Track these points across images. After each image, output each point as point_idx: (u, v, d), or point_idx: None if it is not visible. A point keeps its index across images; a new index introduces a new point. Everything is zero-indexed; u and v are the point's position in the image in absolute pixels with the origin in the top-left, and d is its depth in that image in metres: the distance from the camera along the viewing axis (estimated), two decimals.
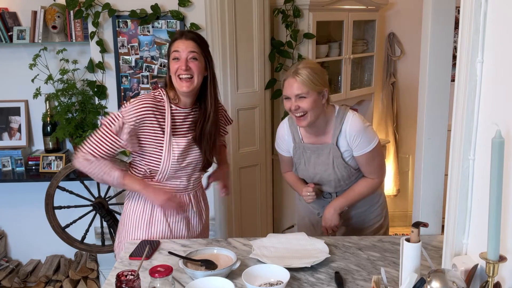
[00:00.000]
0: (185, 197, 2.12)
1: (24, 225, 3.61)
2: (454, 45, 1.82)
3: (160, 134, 1.99)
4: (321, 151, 2.18)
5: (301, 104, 2.03)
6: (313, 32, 3.49)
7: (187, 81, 1.96)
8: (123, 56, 3.16)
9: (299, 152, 2.23)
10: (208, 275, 1.66)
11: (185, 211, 2.12)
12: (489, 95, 1.25)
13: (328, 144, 2.16)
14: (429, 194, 2.06)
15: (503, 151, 1.09)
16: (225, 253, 1.84)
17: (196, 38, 1.99)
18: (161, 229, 2.09)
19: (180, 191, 2.10)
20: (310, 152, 2.20)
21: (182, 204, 2.09)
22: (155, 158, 2.01)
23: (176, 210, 2.08)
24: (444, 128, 2.01)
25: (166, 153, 2.00)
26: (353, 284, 1.68)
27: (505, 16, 1.18)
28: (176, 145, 2.01)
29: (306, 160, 2.22)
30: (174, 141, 2.01)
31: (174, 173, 2.05)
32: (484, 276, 1.23)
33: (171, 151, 2.00)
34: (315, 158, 2.20)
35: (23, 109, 3.47)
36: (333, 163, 2.17)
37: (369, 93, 4.31)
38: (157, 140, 1.99)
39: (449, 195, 1.39)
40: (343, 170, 2.18)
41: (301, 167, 2.26)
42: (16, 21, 3.34)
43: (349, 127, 2.11)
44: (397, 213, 4.64)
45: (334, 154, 2.15)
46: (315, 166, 2.21)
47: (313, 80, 2.03)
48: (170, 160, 2.00)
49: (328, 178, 2.21)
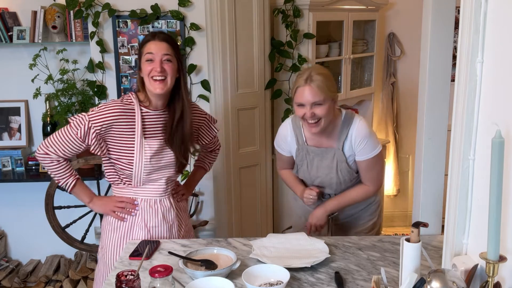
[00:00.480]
0: (165, 200, 2.10)
1: (24, 225, 3.61)
2: (454, 45, 1.82)
3: (131, 138, 1.97)
4: (326, 154, 2.17)
5: (316, 111, 2.02)
6: (313, 32, 3.49)
7: (161, 82, 1.94)
8: (123, 56, 3.16)
9: (302, 154, 2.22)
10: (208, 275, 1.66)
11: (136, 210, 2.08)
12: (489, 95, 1.25)
13: (333, 148, 2.16)
14: (429, 194, 2.06)
15: (503, 151, 1.09)
16: (225, 253, 1.84)
17: (169, 39, 1.98)
18: (141, 234, 2.08)
19: (159, 194, 2.08)
20: (314, 155, 2.20)
21: (131, 201, 2.07)
22: (127, 162, 1.99)
23: (127, 212, 2.07)
24: (444, 128, 2.01)
25: (137, 155, 1.98)
26: (353, 284, 1.68)
27: (505, 16, 1.18)
28: (148, 147, 1.99)
29: (309, 162, 2.22)
30: (146, 143, 1.99)
31: (149, 175, 2.02)
32: (484, 276, 1.23)
33: (142, 154, 1.98)
34: (318, 161, 2.20)
35: (23, 109, 3.47)
36: (337, 167, 2.17)
37: (369, 93, 4.31)
38: (127, 143, 1.98)
39: (449, 195, 1.39)
40: (346, 174, 2.19)
41: (303, 169, 2.26)
42: (16, 21, 3.34)
43: (355, 132, 2.11)
44: (397, 213, 4.64)
45: (339, 158, 2.15)
46: (318, 169, 2.21)
47: (329, 86, 2.03)
48: (143, 163, 1.98)
49: (330, 182, 2.21)
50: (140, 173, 2.00)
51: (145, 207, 2.08)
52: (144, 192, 2.07)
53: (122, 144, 1.98)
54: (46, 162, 2.00)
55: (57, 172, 2.02)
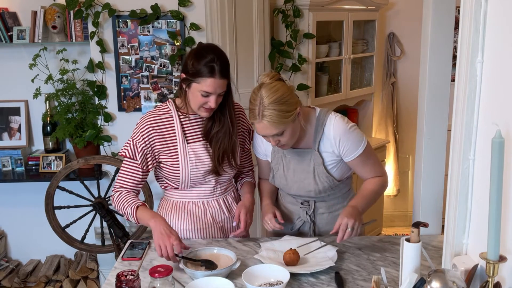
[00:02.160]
0: (214, 202, 2.09)
1: (24, 225, 3.61)
2: (454, 45, 1.82)
3: (173, 144, 1.98)
4: (303, 156, 2.00)
5: (280, 139, 1.88)
6: (313, 32, 3.50)
7: (209, 110, 1.94)
8: (123, 56, 3.16)
9: (278, 156, 2.06)
10: (208, 275, 1.66)
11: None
12: (489, 95, 1.25)
13: (310, 150, 1.99)
14: (429, 194, 2.06)
15: (503, 151, 1.09)
16: (225, 253, 1.84)
17: (227, 72, 1.90)
18: (191, 236, 2.08)
19: (207, 197, 2.07)
20: (290, 157, 2.03)
21: (174, 256, 1.81)
22: (174, 169, 1.99)
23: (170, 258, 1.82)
24: (444, 128, 2.01)
25: (182, 160, 1.98)
26: (353, 284, 1.68)
27: (505, 16, 1.18)
28: (191, 151, 1.99)
29: (285, 165, 2.04)
30: (189, 147, 1.99)
31: (196, 179, 2.01)
32: (484, 276, 1.23)
33: (187, 158, 1.98)
34: (295, 165, 2.03)
35: (23, 109, 3.47)
36: (314, 171, 1.99)
37: (369, 93, 4.31)
38: (171, 150, 1.98)
39: (449, 195, 1.39)
40: (325, 181, 1.99)
41: (279, 174, 2.07)
42: (16, 21, 3.34)
43: (332, 130, 1.93)
44: (397, 213, 4.64)
45: (316, 161, 1.98)
46: (294, 173, 2.03)
47: (283, 115, 1.80)
48: (189, 167, 1.98)
49: (308, 188, 2.02)
50: (188, 177, 1.99)
51: (193, 209, 2.07)
52: (192, 194, 2.06)
53: (167, 151, 1.98)
54: (115, 204, 1.97)
55: (121, 206, 1.95)
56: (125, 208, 1.94)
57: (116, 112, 3.25)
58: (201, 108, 1.93)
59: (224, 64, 1.89)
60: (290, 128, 1.86)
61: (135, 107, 3.21)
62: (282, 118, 1.80)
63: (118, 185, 1.99)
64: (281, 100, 1.81)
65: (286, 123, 1.82)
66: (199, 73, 1.86)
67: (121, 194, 1.97)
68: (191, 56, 1.91)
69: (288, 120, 1.83)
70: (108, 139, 3.24)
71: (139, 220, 1.91)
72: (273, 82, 1.86)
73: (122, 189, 1.98)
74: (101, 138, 3.23)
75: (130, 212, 1.91)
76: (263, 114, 1.80)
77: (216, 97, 1.90)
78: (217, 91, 1.88)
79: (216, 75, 1.86)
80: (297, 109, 1.86)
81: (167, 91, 3.19)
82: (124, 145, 1.99)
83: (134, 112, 3.21)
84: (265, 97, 1.80)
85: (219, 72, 1.86)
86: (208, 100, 1.89)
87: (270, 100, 1.79)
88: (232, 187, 2.19)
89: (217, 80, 1.86)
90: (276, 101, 1.80)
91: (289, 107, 1.83)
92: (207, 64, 1.85)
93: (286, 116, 1.82)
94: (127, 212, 1.93)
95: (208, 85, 1.86)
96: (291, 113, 1.83)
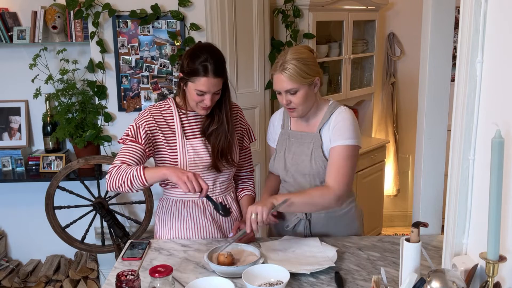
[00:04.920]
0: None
1: (24, 225, 3.61)
2: (454, 45, 1.82)
3: (173, 140, 2.00)
4: (305, 139, 2.06)
5: (292, 99, 1.95)
6: (313, 32, 3.50)
7: (206, 109, 1.97)
8: (123, 56, 3.16)
9: (283, 139, 2.12)
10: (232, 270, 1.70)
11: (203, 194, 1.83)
12: (489, 95, 1.25)
13: (312, 134, 2.05)
14: (429, 194, 2.06)
15: (503, 151, 1.09)
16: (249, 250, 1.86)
17: (221, 71, 1.93)
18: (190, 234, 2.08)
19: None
20: (294, 139, 2.09)
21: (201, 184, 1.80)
22: (173, 164, 2.00)
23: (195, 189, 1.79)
24: (444, 128, 2.01)
25: (181, 156, 1.99)
26: (353, 284, 1.68)
27: (505, 16, 1.18)
28: (190, 147, 2.01)
29: (287, 148, 2.10)
30: (188, 143, 2.01)
31: None
32: (484, 276, 1.23)
33: (186, 154, 2.00)
34: (296, 147, 2.07)
35: (23, 109, 3.47)
36: (312, 154, 2.02)
37: (369, 93, 4.31)
38: (170, 145, 2.00)
39: (449, 195, 1.39)
40: (320, 165, 1.99)
41: (279, 156, 2.11)
42: (16, 21, 3.34)
43: (336, 116, 2.00)
44: (397, 213, 4.65)
45: (315, 143, 2.02)
46: (293, 155, 2.07)
47: (302, 73, 1.91)
48: (187, 163, 1.99)
49: (303, 171, 2.03)
50: None
51: (193, 208, 2.08)
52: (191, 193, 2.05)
53: (166, 146, 2.00)
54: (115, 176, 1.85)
55: (124, 174, 1.84)
56: (127, 173, 1.82)
57: (116, 112, 3.25)
58: (198, 106, 1.97)
59: (218, 63, 1.92)
60: (304, 91, 1.95)
61: (135, 107, 3.22)
62: (300, 76, 1.91)
63: (118, 161, 1.89)
64: (303, 60, 1.93)
65: (302, 82, 1.93)
66: (193, 72, 1.90)
67: (121, 166, 1.86)
68: (187, 55, 1.95)
69: (305, 81, 1.93)
70: (108, 139, 3.24)
71: (148, 178, 1.80)
72: (302, 47, 2.03)
73: (123, 164, 1.89)
74: (101, 138, 3.23)
75: (136, 174, 1.80)
76: (284, 66, 1.91)
77: (212, 96, 1.93)
78: (212, 90, 1.91)
79: (210, 74, 1.89)
80: (316, 78, 1.98)
81: (167, 91, 3.19)
82: (126, 130, 1.98)
83: (134, 112, 3.21)
84: (289, 54, 1.94)
85: (212, 71, 1.89)
86: (204, 99, 1.93)
87: (293, 57, 1.92)
88: (231, 187, 2.19)
89: (211, 79, 1.89)
90: (299, 59, 1.92)
91: (309, 71, 1.94)
92: (201, 63, 1.89)
93: (305, 76, 1.93)
94: (133, 173, 1.81)
95: (202, 84, 1.90)
96: (310, 77, 1.94)
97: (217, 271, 1.73)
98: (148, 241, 2.04)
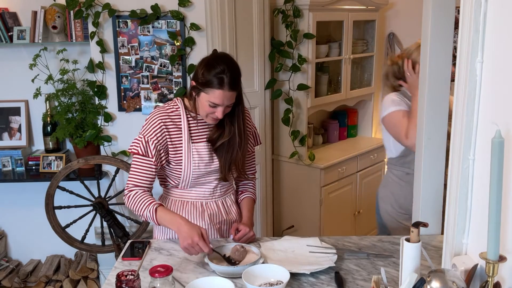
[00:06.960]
0: (213, 204, 2.08)
1: (24, 225, 3.61)
2: (454, 45, 1.82)
3: (179, 142, 1.97)
4: None
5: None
6: (313, 32, 3.50)
7: (216, 120, 1.95)
8: (123, 56, 3.16)
9: None
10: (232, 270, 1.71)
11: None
12: (489, 95, 1.25)
13: None
14: (429, 194, 2.06)
15: (503, 151, 1.09)
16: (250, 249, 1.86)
17: (236, 85, 1.88)
18: None
19: (206, 198, 2.06)
20: None
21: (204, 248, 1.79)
22: (176, 166, 1.99)
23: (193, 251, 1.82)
24: (444, 128, 2.01)
25: (186, 159, 1.97)
26: (353, 284, 1.68)
27: (505, 16, 1.18)
28: (195, 151, 1.98)
29: None
30: (193, 147, 1.98)
31: (198, 179, 2.01)
32: (484, 276, 1.23)
33: (191, 158, 1.97)
34: None
35: (23, 109, 3.47)
36: None
37: (369, 93, 4.31)
38: (176, 147, 1.97)
39: (449, 195, 1.39)
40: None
41: None
42: (16, 21, 3.34)
43: None
44: None
45: None
46: None
47: None
48: (191, 166, 1.97)
49: None
50: (189, 176, 1.98)
51: (192, 210, 2.06)
52: (191, 194, 2.05)
53: (172, 148, 1.97)
54: (130, 204, 1.93)
55: (138, 207, 1.92)
56: (142, 210, 1.90)
57: (116, 112, 3.25)
58: (209, 116, 1.93)
59: (234, 76, 1.87)
60: None
61: (135, 107, 3.22)
62: None
63: (131, 184, 1.94)
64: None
65: None
66: (208, 83, 1.85)
67: (137, 193, 1.93)
68: (203, 65, 1.89)
69: None
70: (108, 139, 3.24)
71: (159, 222, 1.89)
72: None
73: (137, 188, 1.94)
74: (101, 138, 3.23)
75: (149, 216, 1.89)
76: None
77: (224, 108, 1.89)
78: (225, 103, 1.87)
79: (225, 87, 1.83)
80: None
81: (167, 91, 3.19)
82: (134, 142, 1.95)
83: (134, 112, 3.21)
84: None
85: (228, 84, 1.84)
86: (216, 111, 1.89)
87: None
88: (231, 190, 2.18)
89: (226, 92, 1.84)
90: None
91: None
92: (216, 75, 1.83)
93: None
94: (146, 215, 1.90)
95: (216, 96, 1.85)
96: None
97: (217, 271, 1.73)
98: (148, 241, 2.04)
